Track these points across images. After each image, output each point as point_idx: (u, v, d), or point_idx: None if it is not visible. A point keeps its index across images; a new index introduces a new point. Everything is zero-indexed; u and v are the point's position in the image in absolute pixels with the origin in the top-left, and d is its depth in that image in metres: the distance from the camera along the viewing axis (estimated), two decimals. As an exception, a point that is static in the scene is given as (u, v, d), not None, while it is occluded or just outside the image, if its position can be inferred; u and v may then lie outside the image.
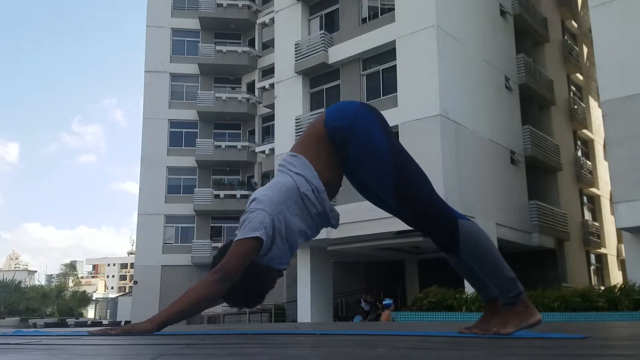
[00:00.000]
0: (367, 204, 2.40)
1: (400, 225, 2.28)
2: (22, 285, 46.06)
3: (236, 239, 2.03)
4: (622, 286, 10.63)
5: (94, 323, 29.14)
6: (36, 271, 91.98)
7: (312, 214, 2.12)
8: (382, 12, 16.72)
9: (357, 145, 2.06)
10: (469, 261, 2.03)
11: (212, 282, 2.02)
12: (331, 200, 2.17)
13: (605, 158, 16.01)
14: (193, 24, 29.34)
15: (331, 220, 2.18)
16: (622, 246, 15.86)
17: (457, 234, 1.98)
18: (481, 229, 2.06)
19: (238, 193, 27.10)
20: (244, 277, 2.07)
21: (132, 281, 29.41)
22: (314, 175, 2.09)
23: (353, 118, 2.09)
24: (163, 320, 2.01)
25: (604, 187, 23.09)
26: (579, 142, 23.27)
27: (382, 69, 16.44)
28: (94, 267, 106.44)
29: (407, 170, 2.05)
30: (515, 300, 1.95)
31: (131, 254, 72.63)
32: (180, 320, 2.05)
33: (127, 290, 58.78)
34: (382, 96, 16.17)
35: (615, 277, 22.00)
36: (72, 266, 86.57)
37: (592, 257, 22.29)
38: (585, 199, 22.81)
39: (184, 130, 28.85)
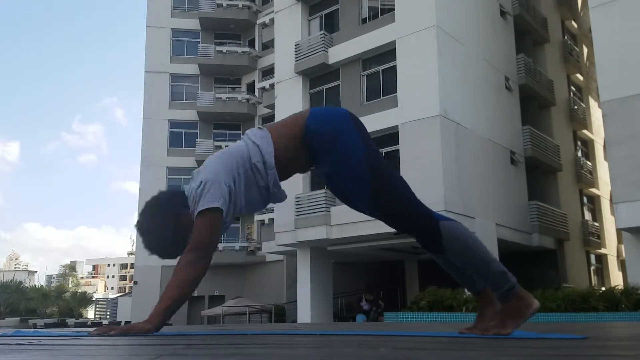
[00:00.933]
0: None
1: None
2: (23, 285, 46.09)
3: (197, 210, 1.98)
4: (622, 288, 10.65)
5: (94, 323, 29.15)
6: (36, 271, 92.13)
7: (260, 186, 2.10)
8: (382, 12, 16.72)
9: (335, 153, 2.05)
10: (455, 261, 2.03)
11: (189, 263, 1.97)
12: (280, 181, 2.15)
13: (605, 158, 16.01)
14: (193, 24, 29.34)
15: (272, 197, 2.15)
16: (622, 246, 15.86)
17: (439, 236, 1.98)
18: (464, 228, 2.04)
19: (238, 193, 27.04)
20: (178, 228, 2.06)
21: (132, 281, 29.41)
22: (269, 152, 2.07)
23: (337, 126, 2.08)
24: (160, 318, 1.98)
25: (604, 187, 23.09)
26: (579, 143, 23.27)
27: (382, 69, 16.44)
28: (94, 267, 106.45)
29: (384, 177, 2.04)
30: (510, 294, 1.93)
31: (131, 254, 72.60)
32: (175, 311, 2.01)
33: (127, 291, 58.77)
34: (382, 96, 16.17)
35: (616, 278, 21.99)
36: (71, 267, 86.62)
37: (592, 257, 22.28)
38: (585, 199, 22.81)
39: (184, 130, 28.85)
